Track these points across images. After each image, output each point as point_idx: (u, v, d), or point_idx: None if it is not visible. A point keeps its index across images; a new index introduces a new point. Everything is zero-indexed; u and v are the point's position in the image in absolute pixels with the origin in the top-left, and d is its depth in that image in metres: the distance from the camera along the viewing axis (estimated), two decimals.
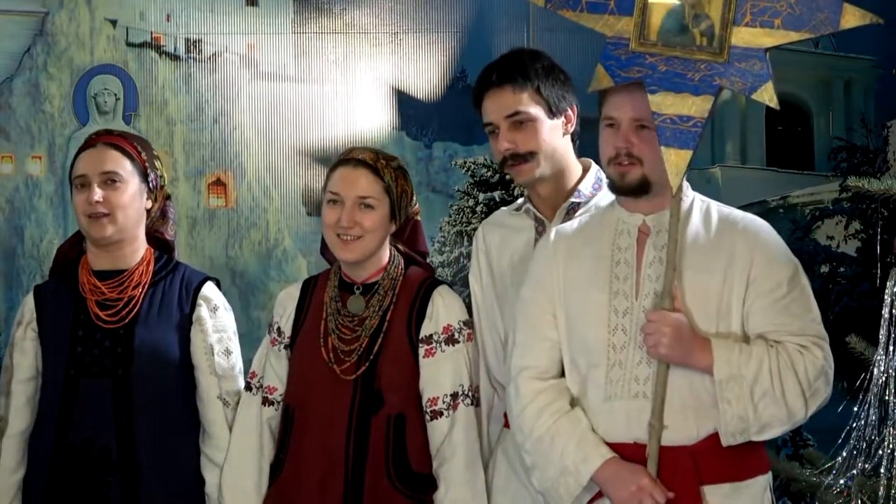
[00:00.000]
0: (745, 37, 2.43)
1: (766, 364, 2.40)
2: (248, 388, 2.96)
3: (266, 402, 2.93)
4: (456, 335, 2.85)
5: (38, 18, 7.01)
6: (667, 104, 2.45)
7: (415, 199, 2.99)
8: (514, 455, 2.89)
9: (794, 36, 2.41)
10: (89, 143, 2.99)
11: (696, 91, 2.45)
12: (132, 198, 2.93)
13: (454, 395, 2.81)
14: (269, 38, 7.01)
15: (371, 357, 2.80)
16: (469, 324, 2.91)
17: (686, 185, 2.60)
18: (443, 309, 2.85)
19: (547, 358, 2.60)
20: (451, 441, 2.79)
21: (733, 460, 2.47)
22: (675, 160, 2.46)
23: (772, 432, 2.43)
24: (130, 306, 2.93)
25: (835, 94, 7.89)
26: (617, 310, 2.52)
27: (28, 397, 2.95)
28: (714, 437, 2.45)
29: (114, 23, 7.00)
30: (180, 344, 2.96)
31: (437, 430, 2.81)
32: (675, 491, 2.43)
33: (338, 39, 6.99)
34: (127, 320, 2.92)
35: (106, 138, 2.99)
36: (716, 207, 2.60)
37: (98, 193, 2.89)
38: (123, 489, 2.85)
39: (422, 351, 2.82)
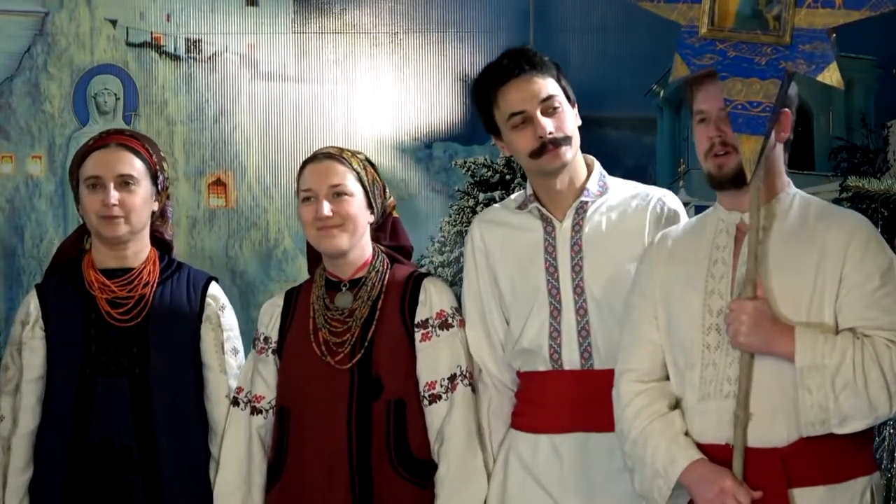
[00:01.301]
0: (807, 18, 2.43)
1: (850, 355, 2.35)
2: (236, 402, 2.96)
3: (254, 411, 2.94)
4: (449, 320, 2.89)
5: (38, 18, 7.01)
6: (736, 90, 2.45)
7: (388, 191, 3.00)
8: (530, 459, 2.88)
9: (854, 15, 2.41)
10: (101, 143, 2.98)
11: (763, 75, 2.45)
12: (144, 200, 2.95)
13: (451, 378, 2.84)
14: (269, 38, 7.00)
15: (365, 345, 2.82)
16: (459, 310, 2.94)
17: (788, 180, 2.60)
18: (435, 295, 2.89)
19: (649, 360, 2.61)
20: (451, 421, 2.82)
21: (830, 461, 2.41)
22: (749, 145, 2.46)
23: (853, 425, 2.37)
24: (142, 304, 2.94)
25: (835, 94, 7.87)
26: (711, 309, 2.51)
27: (38, 397, 2.96)
28: (807, 439, 2.39)
29: (114, 23, 6.99)
30: (192, 342, 2.98)
31: (435, 413, 2.84)
32: (761, 492, 2.40)
33: (338, 39, 6.98)
34: (139, 319, 2.93)
35: (119, 138, 2.98)
36: (816, 204, 2.58)
37: (114, 196, 2.90)
38: (146, 487, 2.87)
39: (418, 335, 2.85)
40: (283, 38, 7.01)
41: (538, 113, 2.84)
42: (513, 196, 3.08)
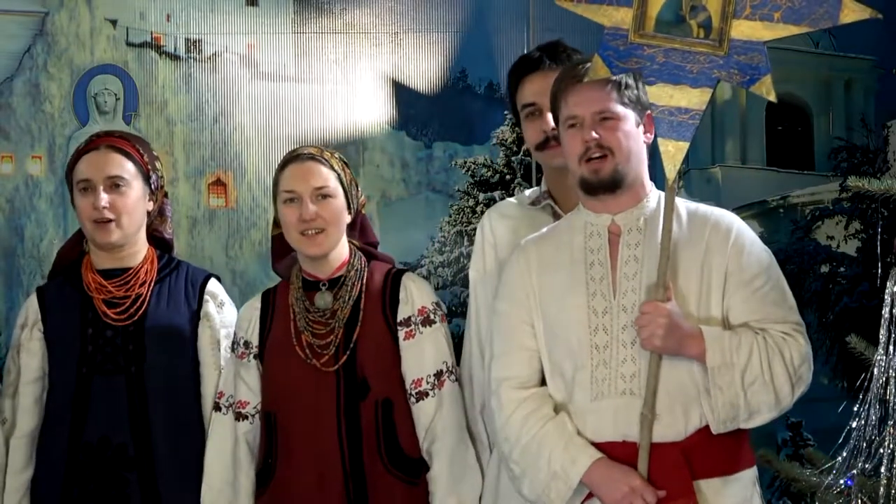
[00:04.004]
0: (744, 30, 2.43)
1: (756, 351, 2.43)
2: (217, 408, 2.95)
3: (239, 416, 2.92)
4: (431, 316, 2.88)
5: (38, 18, 7.01)
6: (665, 96, 2.46)
7: (360, 189, 2.99)
8: None
9: (793, 29, 2.41)
10: (91, 146, 2.99)
11: (695, 83, 2.45)
12: (136, 201, 2.95)
13: (438, 374, 2.84)
14: (269, 38, 7.01)
15: (350, 346, 2.81)
16: (440, 305, 2.94)
17: (650, 184, 2.62)
18: (416, 292, 2.88)
19: (527, 367, 2.61)
20: (442, 418, 2.81)
21: (723, 454, 2.47)
22: (673, 151, 2.47)
23: (760, 418, 2.46)
24: (139, 304, 2.94)
25: (835, 94, 7.89)
26: (596, 310, 2.53)
27: (35, 398, 2.96)
28: (702, 432, 2.46)
29: (114, 23, 7.00)
30: (189, 339, 2.98)
31: (423, 411, 2.83)
32: (667, 488, 2.44)
33: (338, 39, 6.99)
34: (136, 317, 2.93)
35: (108, 140, 2.99)
36: (683, 204, 2.62)
37: (104, 199, 2.90)
38: (142, 485, 2.87)
39: (401, 334, 2.84)
40: (283, 38, 7.01)
41: (546, 109, 2.85)
42: (527, 192, 3.08)
